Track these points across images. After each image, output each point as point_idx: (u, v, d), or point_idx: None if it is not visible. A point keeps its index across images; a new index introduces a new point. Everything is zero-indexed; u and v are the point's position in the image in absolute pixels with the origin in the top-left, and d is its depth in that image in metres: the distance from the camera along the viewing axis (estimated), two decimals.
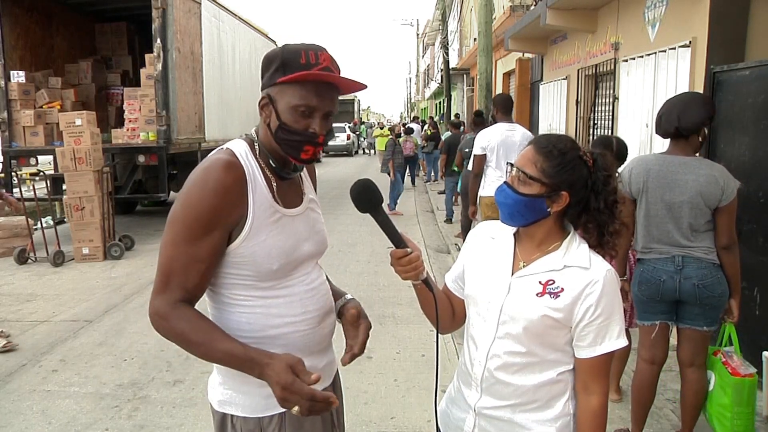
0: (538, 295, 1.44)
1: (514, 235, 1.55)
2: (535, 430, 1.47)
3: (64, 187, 7.48)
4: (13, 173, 8.40)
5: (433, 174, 15.65)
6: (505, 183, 1.50)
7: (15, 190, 8.16)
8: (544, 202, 1.44)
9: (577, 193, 1.44)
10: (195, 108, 9.32)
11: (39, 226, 7.56)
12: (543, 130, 8.96)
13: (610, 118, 6.41)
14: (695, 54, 4.35)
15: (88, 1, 10.22)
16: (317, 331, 1.50)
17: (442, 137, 13.36)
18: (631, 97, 5.48)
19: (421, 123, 23.25)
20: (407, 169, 13.38)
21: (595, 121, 7.13)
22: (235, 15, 11.25)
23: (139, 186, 9.51)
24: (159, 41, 8.22)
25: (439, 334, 1.54)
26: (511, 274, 1.49)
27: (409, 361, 4.20)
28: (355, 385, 3.72)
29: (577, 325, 1.42)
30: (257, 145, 1.44)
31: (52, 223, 7.75)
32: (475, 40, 15.25)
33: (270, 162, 1.44)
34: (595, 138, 6.83)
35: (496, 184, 1.74)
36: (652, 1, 5.26)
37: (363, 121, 42.27)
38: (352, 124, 31.38)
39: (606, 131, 6.59)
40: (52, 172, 8.18)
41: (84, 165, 7.13)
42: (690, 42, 4.39)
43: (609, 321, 1.41)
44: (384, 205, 1.49)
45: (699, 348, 2.79)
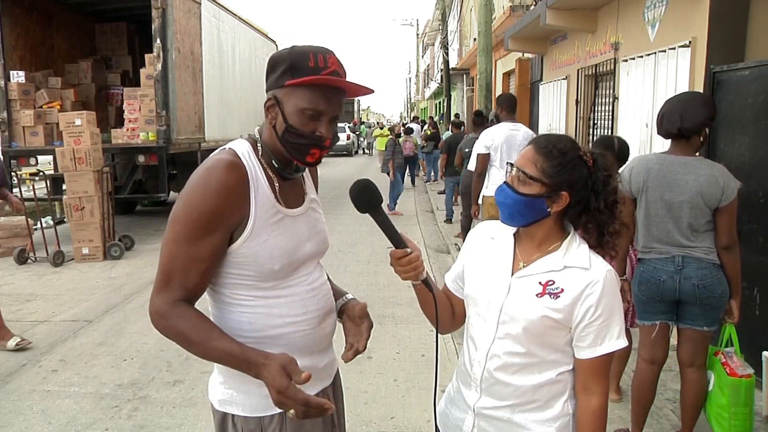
0: (538, 295, 1.44)
1: (514, 235, 1.55)
2: (535, 430, 1.47)
3: (64, 187, 7.48)
4: (13, 173, 8.39)
5: (432, 174, 15.65)
6: (505, 183, 1.50)
7: (15, 190, 8.15)
8: (544, 202, 1.44)
9: (577, 193, 1.44)
10: (195, 108, 9.32)
11: (39, 226, 7.56)
12: (543, 130, 8.95)
13: (610, 118, 6.40)
14: (695, 54, 4.35)
15: (88, 1, 10.21)
16: (318, 331, 1.50)
17: (442, 137, 13.37)
18: (631, 97, 5.48)
19: (421, 123, 23.26)
20: (407, 169, 13.38)
21: (595, 121, 7.12)
22: (235, 15, 11.24)
23: (139, 186, 9.50)
24: (159, 41, 8.22)
25: (438, 334, 1.53)
26: (511, 275, 1.49)
27: (408, 361, 4.20)
28: (355, 385, 3.72)
29: (577, 326, 1.42)
30: (260, 146, 1.44)
31: (51, 223, 7.75)
32: (474, 40, 15.26)
33: (272, 162, 1.43)
34: (595, 138, 6.84)
35: None
36: (652, 1, 5.26)
37: (363, 121, 42.29)
38: (352, 124, 31.38)
39: (606, 131, 6.59)
40: (52, 172, 8.17)
41: (84, 165, 7.12)
42: (690, 42, 4.39)
43: (609, 321, 1.41)
44: (384, 205, 1.48)
45: (699, 348, 2.79)
